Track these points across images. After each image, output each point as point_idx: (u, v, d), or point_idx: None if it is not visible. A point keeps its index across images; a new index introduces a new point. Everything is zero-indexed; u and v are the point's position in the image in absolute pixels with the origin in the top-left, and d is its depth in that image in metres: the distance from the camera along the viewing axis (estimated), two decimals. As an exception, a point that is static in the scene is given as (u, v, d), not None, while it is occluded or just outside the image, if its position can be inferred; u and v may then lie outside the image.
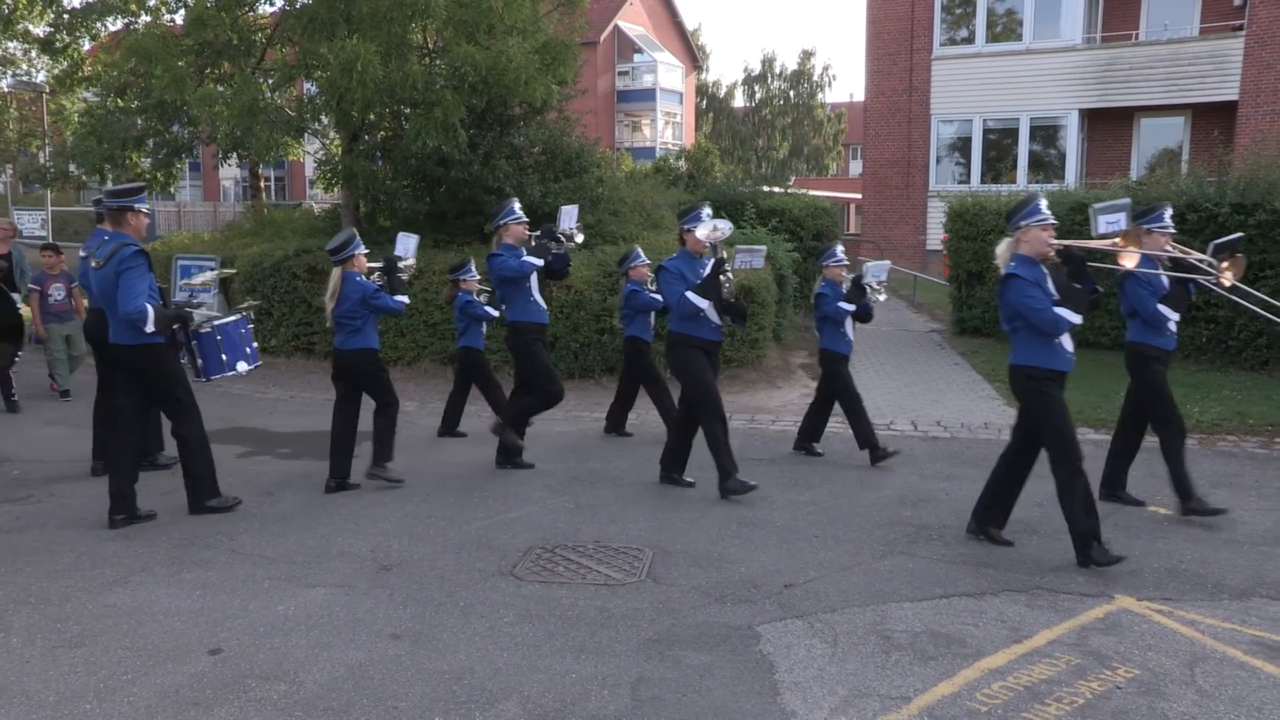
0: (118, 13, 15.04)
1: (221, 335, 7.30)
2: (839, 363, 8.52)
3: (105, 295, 6.76)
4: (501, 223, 8.03)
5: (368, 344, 7.59)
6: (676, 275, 7.30)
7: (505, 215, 8.04)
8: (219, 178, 47.77)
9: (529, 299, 7.98)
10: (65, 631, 4.97)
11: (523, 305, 7.97)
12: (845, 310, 8.45)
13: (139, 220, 6.81)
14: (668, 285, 7.35)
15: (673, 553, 6.15)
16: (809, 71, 62.33)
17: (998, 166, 23.18)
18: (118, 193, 6.85)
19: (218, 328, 7.31)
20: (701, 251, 7.35)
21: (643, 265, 9.27)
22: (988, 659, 4.66)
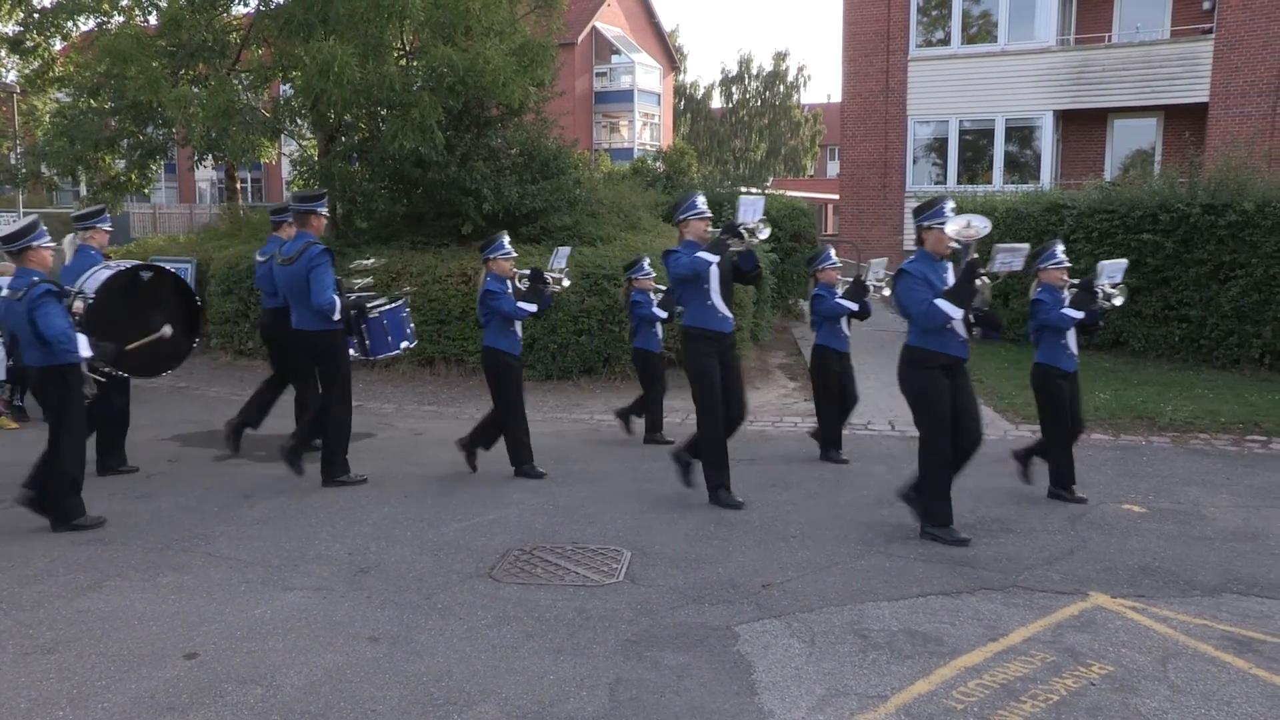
0: (89, 12, 14.91)
1: (387, 320, 8.05)
2: (832, 358, 8.56)
3: (294, 289, 7.56)
4: (682, 218, 7.27)
5: (494, 344, 7.84)
6: (920, 280, 6.21)
7: (686, 210, 7.25)
8: (195, 179, 47.48)
9: (705, 303, 7.08)
10: (38, 638, 4.93)
11: (698, 310, 7.11)
12: (846, 308, 8.48)
13: (320, 221, 7.85)
14: (911, 292, 6.23)
15: (651, 554, 6.16)
16: (784, 73, 62.47)
17: (974, 167, 23.31)
18: (304, 197, 7.85)
19: (384, 313, 8.04)
20: (944, 253, 6.35)
21: (646, 277, 9.16)
22: (964, 657, 4.70)
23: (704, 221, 7.22)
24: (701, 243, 7.08)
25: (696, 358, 7.11)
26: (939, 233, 6.24)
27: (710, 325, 7.07)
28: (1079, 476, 7.65)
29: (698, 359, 7.10)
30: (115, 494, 7.56)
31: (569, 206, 13.47)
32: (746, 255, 7.17)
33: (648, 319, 9.05)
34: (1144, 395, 10.57)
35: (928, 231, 6.34)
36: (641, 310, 9.06)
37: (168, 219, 36.42)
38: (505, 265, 7.92)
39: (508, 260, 7.94)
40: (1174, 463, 8.50)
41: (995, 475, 7.74)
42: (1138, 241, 12.55)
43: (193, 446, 9.17)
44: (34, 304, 6.39)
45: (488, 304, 7.81)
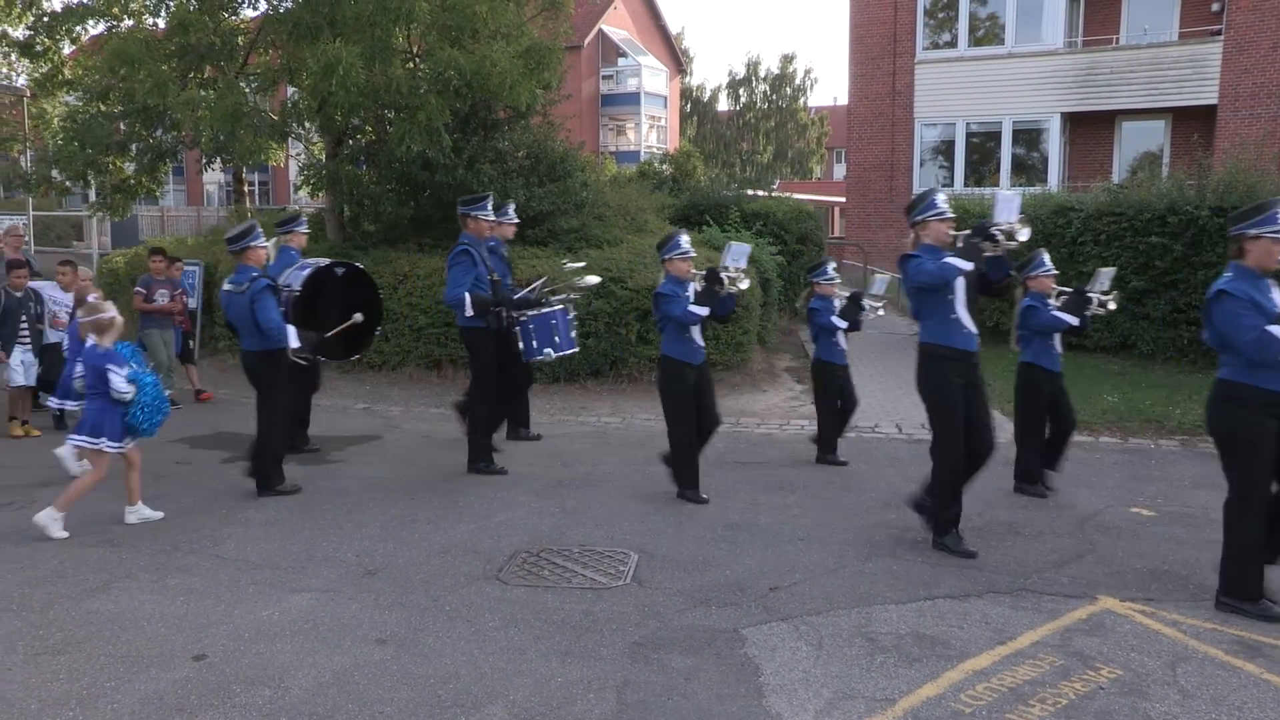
0: (99, 16, 14.93)
1: (534, 324, 8.08)
2: (832, 371, 8.57)
3: None
4: (919, 219, 6.28)
5: (669, 351, 7.35)
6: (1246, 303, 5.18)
7: (925, 210, 6.25)
8: (202, 182, 47.56)
9: (949, 316, 6.16)
10: (48, 639, 4.94)
11: (939, 324, 6.19)
12: (838, 325, 8.48)
13: (478, 225, 8.18)
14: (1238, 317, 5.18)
15: (658, 556, 6.16)
16: (791, 75, 62.47)
17: (981, 170, 23.28)
18: (464, 201, 8.35)
19: (531, 318, 8.09)
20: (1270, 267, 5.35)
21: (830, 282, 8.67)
22: (972, 660, 4.69)
23: (946, 223, 6.23)
24: (943, 247, 6.16)
25: (936, 381, 6.23)
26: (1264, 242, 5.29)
27: (953, 342, 6.15)
28: (1086, 479, 7.65)
29: (938, 382, 6.22)
30: (124, 495, 7.56)
31: (576, 209, 13.47)
32: (997, 262, 6.20)
33: (827, 328, 8.47)
34: (1152, 398, 10.55)
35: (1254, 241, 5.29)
36: (821, 319, 8.50)
37: (176, 222, 36.50)
38: (683, 266, 7.30)
39: (685, 260, 7.31)
40: (1183, 466, 8.48)
41: (1003, 478, 7.72)
42: (1146, 244, 12.53)
43: (201, 449, 9.19)
44: (255, 297, 7.35)
45: (659, 308, 7.28)
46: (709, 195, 18.53)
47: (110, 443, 6.70)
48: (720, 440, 8.38)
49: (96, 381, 6.69)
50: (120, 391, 6.63)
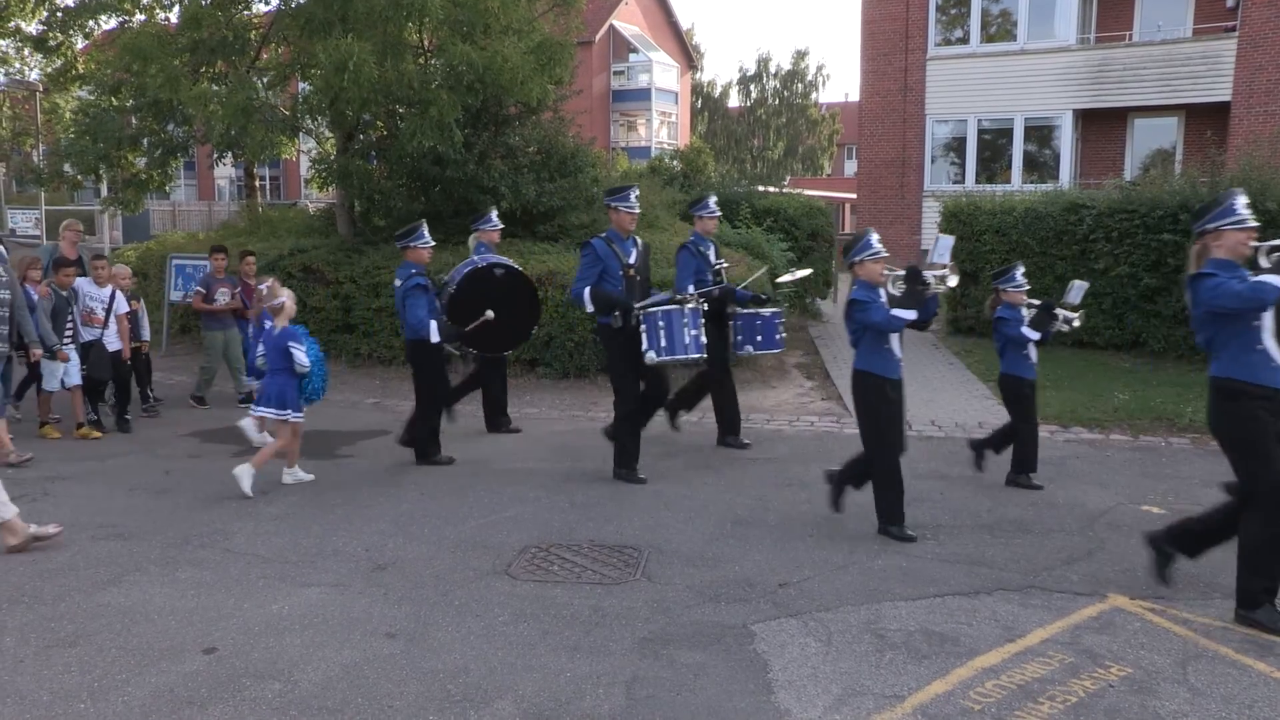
0: (111, 11, 14.99)
1: (645, 323, 7.58)
2: (1021, 386, 7.69)
3: None
4: (1211, 227, 5.28)
5: (865, 365, 6.46)
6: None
7: (1220, 217, 5.25)
8: (214, 177, 47.69)
9: (1255, 346, 5.16)
10: (59, 631, 4.97)
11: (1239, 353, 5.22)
12: (1029, 337, 7.62)
13: (620, 218, 7.90)
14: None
15: (668, 552, 6.16)
16: (803, 71, 62.39)
17: (992, 167, 23.22)
18: (608, 191, 8.22)
19: (644, 316, 7.60)
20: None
21: (1019, 290, 7.70)
22: (981, 657, 4.68)
23: (1246, 233, 5.25)
24: (1241, 263, 5.22)
25: (1242, 421, 5.19)
26: None
27: (1258, 378, 5.11)
28: (1097, 477, 7.65)
29: (1245, 422, 5.17)
30: (135, 489, 7.62)
31: (586, 205, 13.48)
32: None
33: (1017, 340, 7.63)
34: (1163, 396, 10.51)
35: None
36: (1009, 329, 7.65)
37: (187, 216, 36.63)
38: (875, 268, 6.44)
39: (877, 262, 6.45)
40: (1194, 464, 8.44)
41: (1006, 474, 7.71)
42: (1158, 241, 12.47)
43: (211, 443, 9.22)
44: (406, 293, 8.12)
45: (854, 316, 6.39)
46: (720, 191, 18.51)
47: (294, 413, 7.69)
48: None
49: (279, 359, 7.63)
50: (303, 365, 7.60)
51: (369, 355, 12.84)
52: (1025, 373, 7.67)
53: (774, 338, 8.81)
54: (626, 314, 7.56)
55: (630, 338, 7.61)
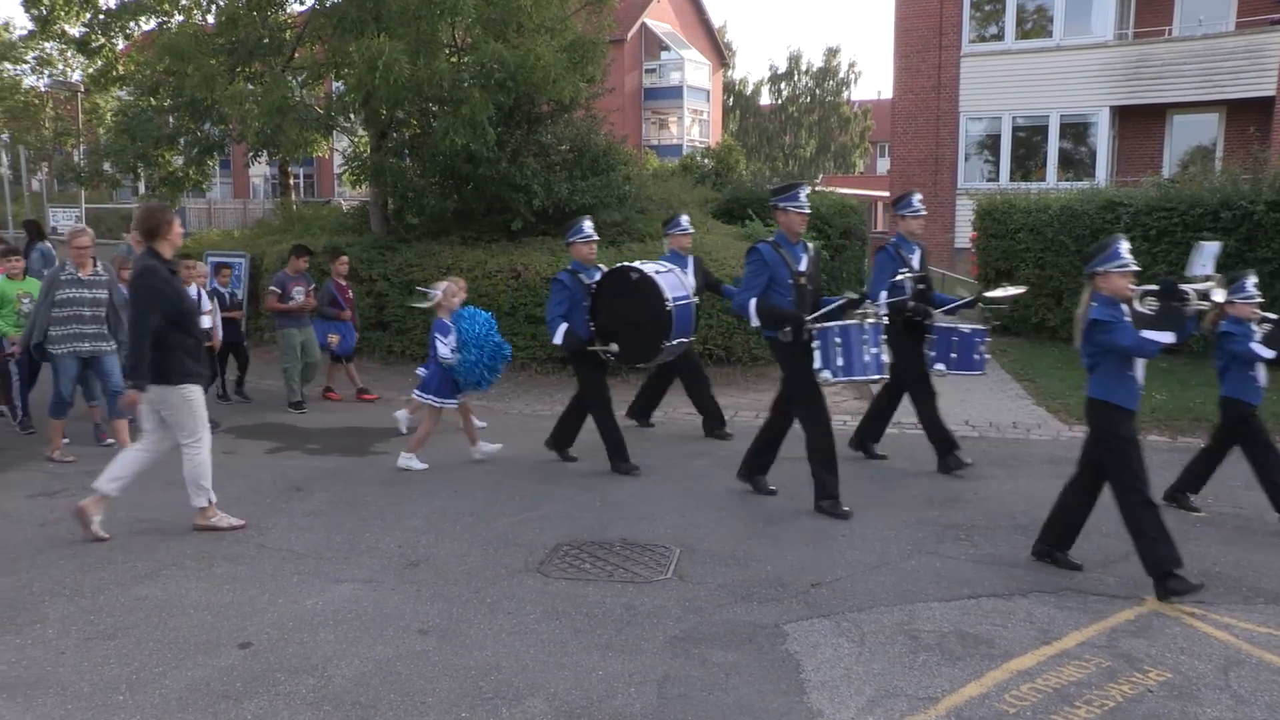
0: (151, 12, 15.16)
1: (819, 339, 6.70)
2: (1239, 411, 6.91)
3: None
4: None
5: (1103, 394, 5.64)
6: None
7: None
8: (248, 175, 48.06)
9: None
10: (99, 623, 5.03)
11: None
12: (1261, 354, 6.74)
13: (790, 219, 6.97)
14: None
15: (700, 551, 6.15)
16: (835, 69, 62.16)
17: (1027, 164, 23.00)
18: (774, 190, 7.29)
19: (818, 332, 6.71)
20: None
21: (1248, 301, 6.75)
22: (1016, 660, 4.64)
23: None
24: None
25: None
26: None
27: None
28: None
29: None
30: (171, 484, 7.67)
31: (619, 203, 13.47)
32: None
33: (1245, 357, 6.72)
34: (1203, 396, 10.36)
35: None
36: (1237, 345, 6.72)
37: (222, 214, 36.95)
38: (1122, 283, 5.51)
39: (1124, 275, 5.52)
40: (1234, 466, 8.29)
41: (1048, 476, 7.63)
42: (1198, 240, 12.31)
43: (246, 439, 9.29)
44: (551, 291, 8.05)
45: (1096, 338, 5.54)
46: (752, 189, 18.44)
47: (435, 398, 8.13)
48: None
49: (431, 348, 8.21)
50: (443, 357, 8.00)
51: (402, 353, 12.90)
52: (1250, 396, 6.78)
53: (971, 357, 7.87)
54: (798, 329, 6.69)
55: (805, 351, 6.74)
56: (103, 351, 8.52)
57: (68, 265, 8.45)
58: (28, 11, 15.35)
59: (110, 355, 8.55)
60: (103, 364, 8.55)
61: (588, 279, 7.96)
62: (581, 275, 7.96)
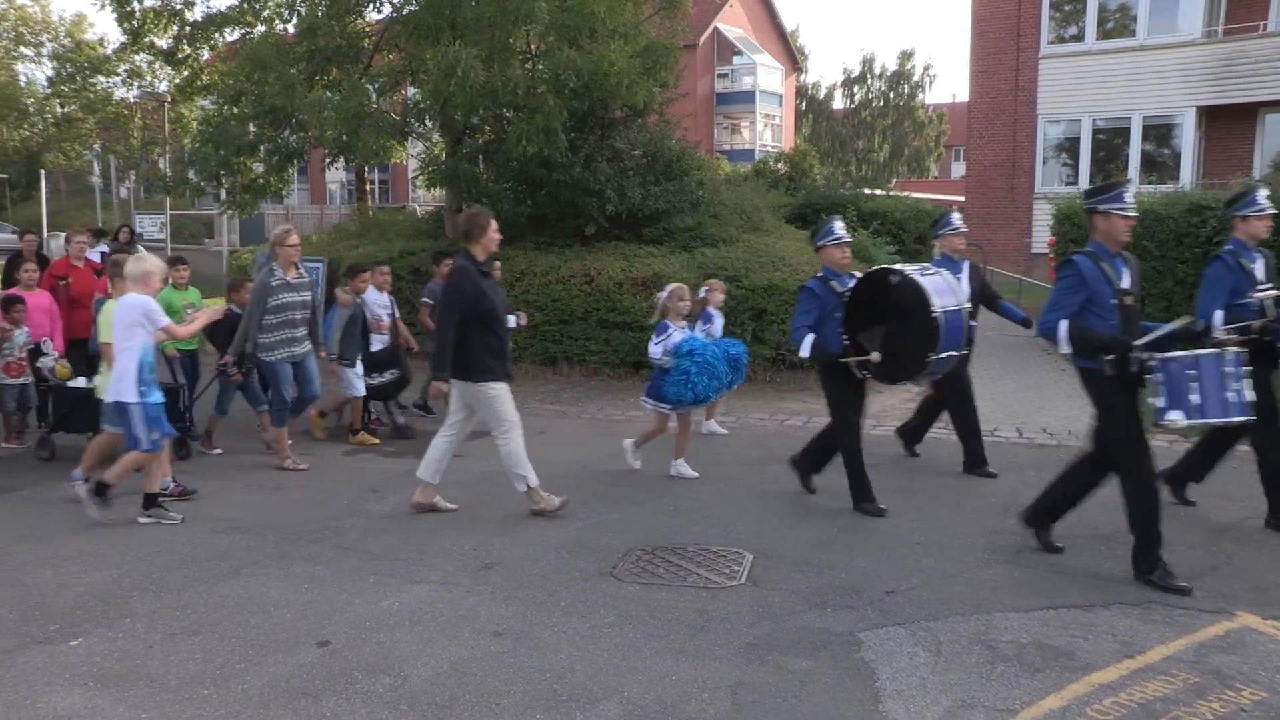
0: (234, 24, 15.55)
1: (1163, 372, 5.49)
2: None
3: None
4: None
5: None
6: None
7: None
8: (325, 181, 48.98)
9: None
10: (184, 619, 5.15)
11: None
12: None
13: (1113, 225, 5.65)
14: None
15: (773, 557, 6.11)
16: (909, 72, 61.55)
17: (1108, 167, 22.52)
18: (1090, 192, 6.01)
19: (1161, 364, 5.49)
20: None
21: None
22: (1098, 673, 4.53)
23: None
24: None
25: None
26: None
27: None
28: (1222, 489, 7.33)
29: None
30: (250, 486, 7.86)
31: (692, 208, 13.48)
32: None
33: None
34: None
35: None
36: None
37: (300, 219, 37.63)
38: None
39: None
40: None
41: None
42: None
43: (321, 442, 9.45)
44: (798, 293, 7.32)
45: None
46: (825, 194, 18.34)
47: (652, 401, 8.07)
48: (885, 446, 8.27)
49: None
50: (653, 358, 7.96)
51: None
52: None
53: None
54: (1124, 357, 5.46)
55: (1130, 387, 5.64)
56: (308, 354, 8.49)
57: (276, 270, 8.27)
58: (121, 25, 15.84)
59: (312, 358, 8.54)
60: (306, 367, 8.48)
61: (840, 286, 7.04)
62: (833, 282, 7.07)
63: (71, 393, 8.65)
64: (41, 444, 8.76)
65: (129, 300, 6.79)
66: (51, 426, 8.75)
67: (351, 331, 9.33)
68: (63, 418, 8.67)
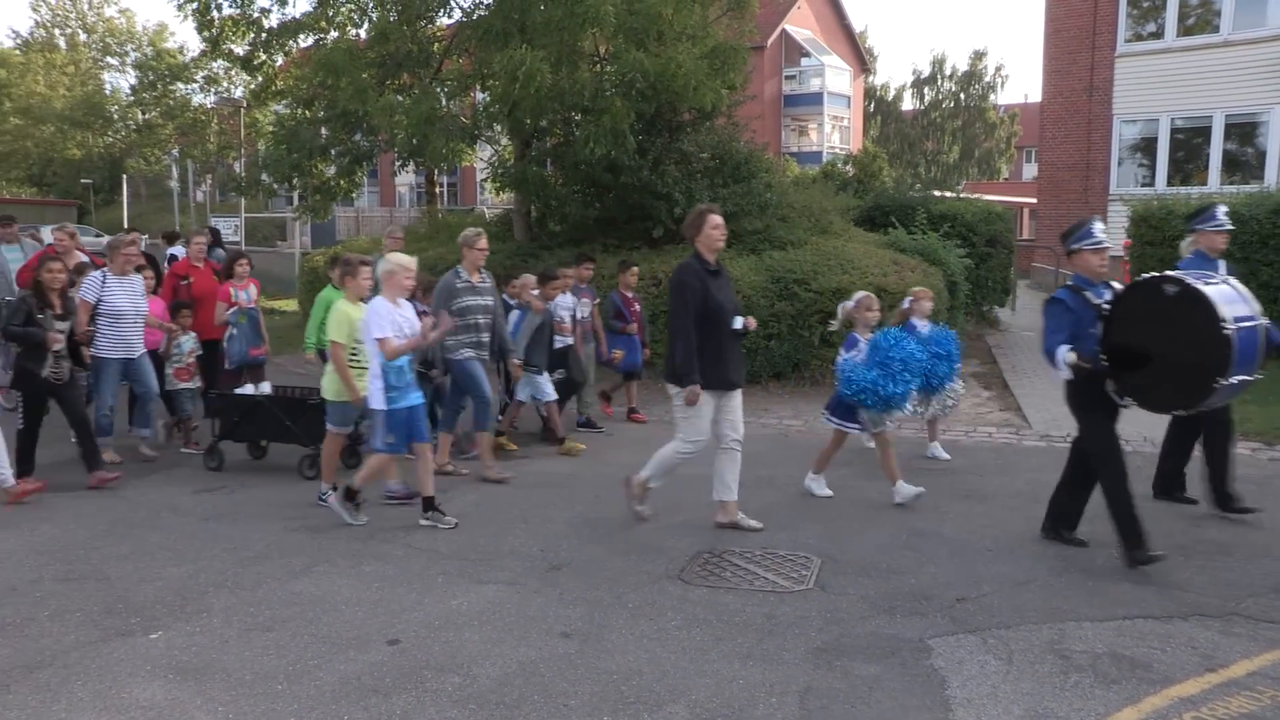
0: (309, 30, 15.83)
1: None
2: None
3: None
4: None
5: None
6: None
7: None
8: (394, 184, 49.67)
9: None
10: (258, 616, 5.25)
11: None
12: None
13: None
14: None
15: (841, 561, 6.06)
16: (980, 73, 60.75)
17: (1186, 168, 21.94)
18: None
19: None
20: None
21: None
22: (1177, 687, 4.42)
23: None
24: None
25: None
26: None
27: None
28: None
29: None
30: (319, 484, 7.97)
31: (760, 210, 13.42)
32: None
33: None
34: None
35: None
36: None
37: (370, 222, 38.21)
38: None
39: None
40: None
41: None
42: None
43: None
44: (1045, 308, 6.16)
45: None
46: (894, 197, 18.13)
47: (831, 419, 7.59)
48: (902, 446, 8.18)
49: None
50: (838, 367, 7.44)
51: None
52: None
53: None
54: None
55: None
56: (486, 360, 8.35)
57: (460, 272, 8.19)
58: (200, 34, 16.20)
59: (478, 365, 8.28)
60: None
61: (1096, 298, 6.00)
62: (1088, 293, 6.02)
63: (242, 401, 8.57)
64: (210, 453, 8.58)
65: (372, 304, 6.76)
66: (219, 434, 8.57)
67: (540, 338, 9.15)
68: (232, 426, 8.52)
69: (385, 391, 6.66)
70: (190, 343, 9.26)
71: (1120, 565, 5.96)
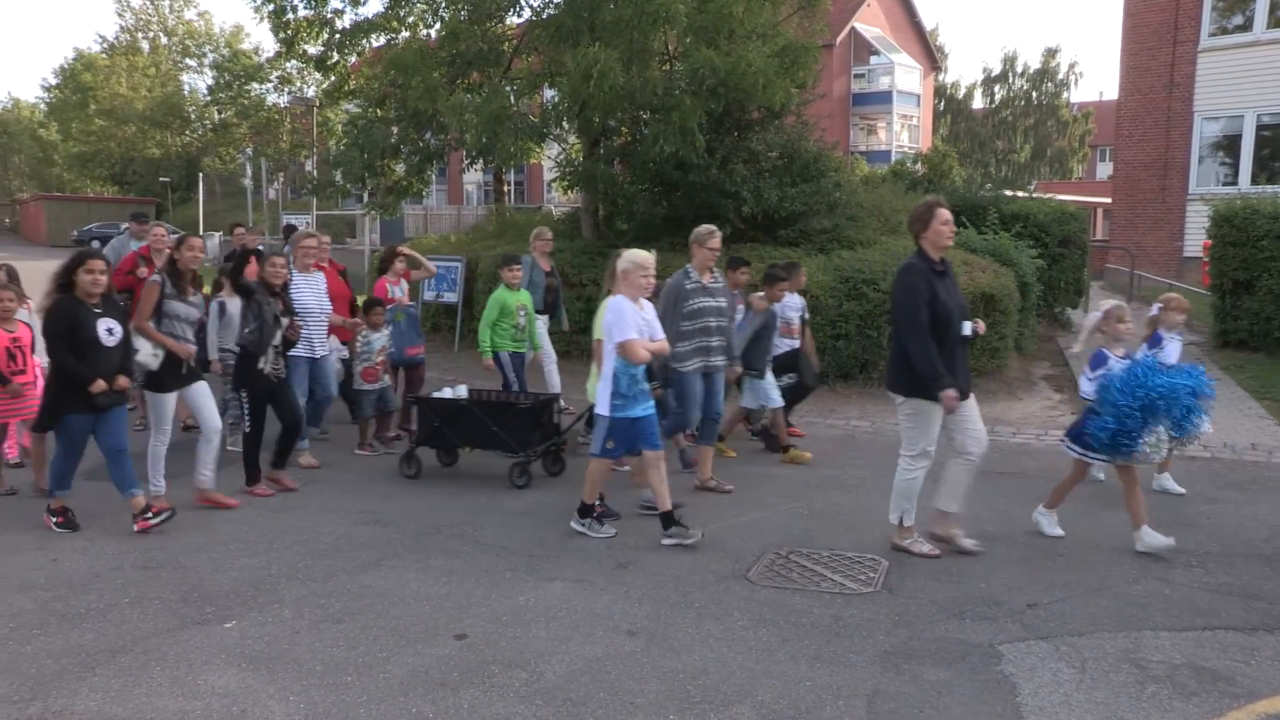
0: (380, 30, 16.02)
1: None
2: None
3: None
4: None
5: None
6: None
7: None
8: (463, 182, 50.11)
9: None
10: (328, 608, 5.32)
11: None
12: None
13: None
14: None
15: (909, 564, 5.99)
16: (1053, 70, 59.70)
17: (1272, 166, 21.31)
18: None
19: None
20: None
21: None
22: (1264, 702, 4.28)
23: None
24: None
25: None
26: None
27: None
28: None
29: None
30: (391, 479, 8.06)
31: (828, 210, 13.32)
32: None
33: None
34: None
35: None
36: None
37: (438, 220, 38.65)
38: None
39: None
40: None
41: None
42: None
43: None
44: None
45: None
46: (965, 196, 17.86)
47: (1078, 449, 6.55)
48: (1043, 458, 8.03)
49: None
50: (1082, 392, 7.07)
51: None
52: None
53: None
54: None
55: None
56: (718, 368, 7.62)
57: (690, 272, 7.55)
58: (275, 35, 16.49)
59: (721, 372, 7.68)
60: (715, 381, 7.64)
61: None
62: None
63: (443, 405, 8.17)
64: (407, 459, 8.17)
65: (613, 304, 6.40)
66: (418, 440, 8.22)
67: (762, 341, 8.55)
68: (432, 432, 8.13)
69: (612, 398, 6.31)
70: (382, 340, 8.93)
71: (1199, 574, 5.82)
